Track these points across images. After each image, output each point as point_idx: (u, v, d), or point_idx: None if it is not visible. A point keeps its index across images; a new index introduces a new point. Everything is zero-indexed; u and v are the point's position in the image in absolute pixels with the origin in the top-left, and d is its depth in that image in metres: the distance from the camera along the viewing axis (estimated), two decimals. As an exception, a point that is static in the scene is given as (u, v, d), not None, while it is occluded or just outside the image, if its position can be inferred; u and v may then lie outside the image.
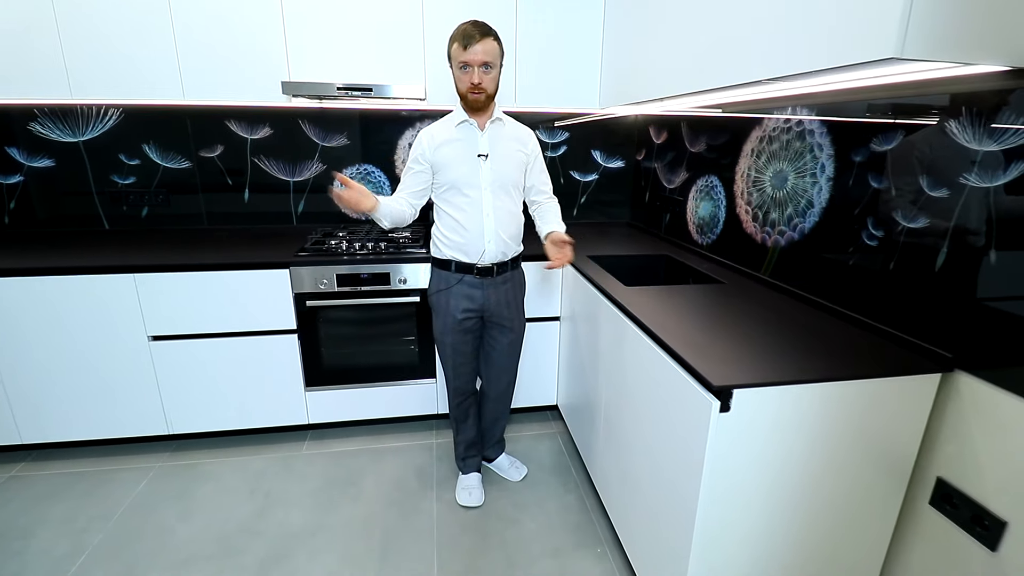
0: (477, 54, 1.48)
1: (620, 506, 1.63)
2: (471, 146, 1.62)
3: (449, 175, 1.62)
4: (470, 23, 1.51)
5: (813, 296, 1.51)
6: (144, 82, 1.99)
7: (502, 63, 1.57)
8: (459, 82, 1.55)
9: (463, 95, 1.57)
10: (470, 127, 1.63)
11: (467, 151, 1.62)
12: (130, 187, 2.38)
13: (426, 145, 1.62)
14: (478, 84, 1.52)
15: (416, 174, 1.67)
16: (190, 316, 1.98)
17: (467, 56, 1.49)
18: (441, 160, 1.62)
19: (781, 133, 1.61)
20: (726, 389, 1.03)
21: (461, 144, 1.62)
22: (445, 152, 1.62)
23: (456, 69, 1.54)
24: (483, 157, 1.62)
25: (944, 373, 1.13)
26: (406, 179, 1.70)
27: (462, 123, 1.62)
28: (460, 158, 1.62)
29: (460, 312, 1.72)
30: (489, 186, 1.63)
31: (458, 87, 1.57)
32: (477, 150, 1.62)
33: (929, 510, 1.19)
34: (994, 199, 1.03)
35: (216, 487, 1.97)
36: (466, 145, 1.62)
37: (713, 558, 1.18)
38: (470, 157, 1.62)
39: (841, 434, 1.13)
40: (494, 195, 1.64)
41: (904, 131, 1.21)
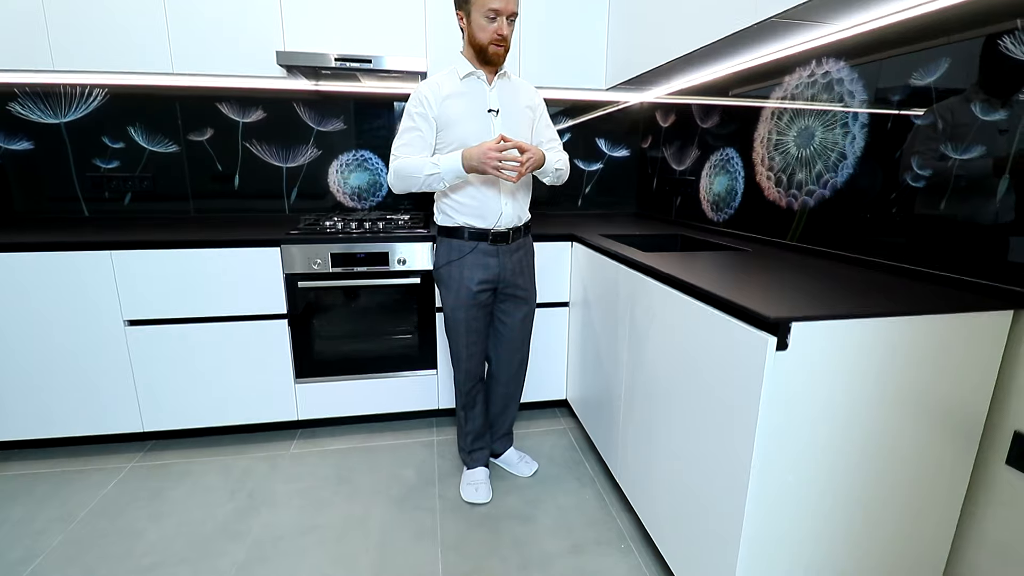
0: (513, 4, 1.39)
1: (647, 496, 1.46)
2: (479, 101, 1.52)
3: (458, 132, 1.50)
4: None
5: (851, 254, 1.40)
6: (131, 54, 1.89)
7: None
8: (481, 31, 1.42)
9: (483, 47, 1.44)
10: (478, 81, 1.52)
11: (476, 106, 1.51)
12: (113, 172, 2.24)
13: (431, 98, 1.49)
14: (505, 36, 1.42)
15: (420, 135, 1.51)
16: (171, 299, 1.82)
17: (501, 3, 1.38)
18: (448, 115, 1.49)
19: (805, 88, 1.53)
20: (783, 322, 0.91)
21: (468, 98, 1.51)
22: (452, 106, 1.49)
23: (480, 17, 1.41)
24: (494, 113, 1.52)
25: (1017, 310, 1.01)
26: (413, 142, 1.51)
27: (468, 76, 1.51)
28: (469, 113, 1.50)
29: (475, 283, 1.58)
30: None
31: (478, 37, 1.43)
32: (487, 105, 1.52)
33: (1006, 471, 1.05)
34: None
35: (193, 487, 1.77)
36: (473, 99, 1.51)
37: (768, 531, 1.02)
38: (480, 113, 1.51)
39: (908, 379, 1.00)
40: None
41: (949, 58, 1.13)
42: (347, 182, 2.44)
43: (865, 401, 0.99)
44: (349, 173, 2.43)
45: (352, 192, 2.45)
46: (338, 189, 2.43)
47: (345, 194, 2.44)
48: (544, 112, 1.68)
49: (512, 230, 1.60)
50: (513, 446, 1.93)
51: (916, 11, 1.18)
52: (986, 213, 1.07)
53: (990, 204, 1.06)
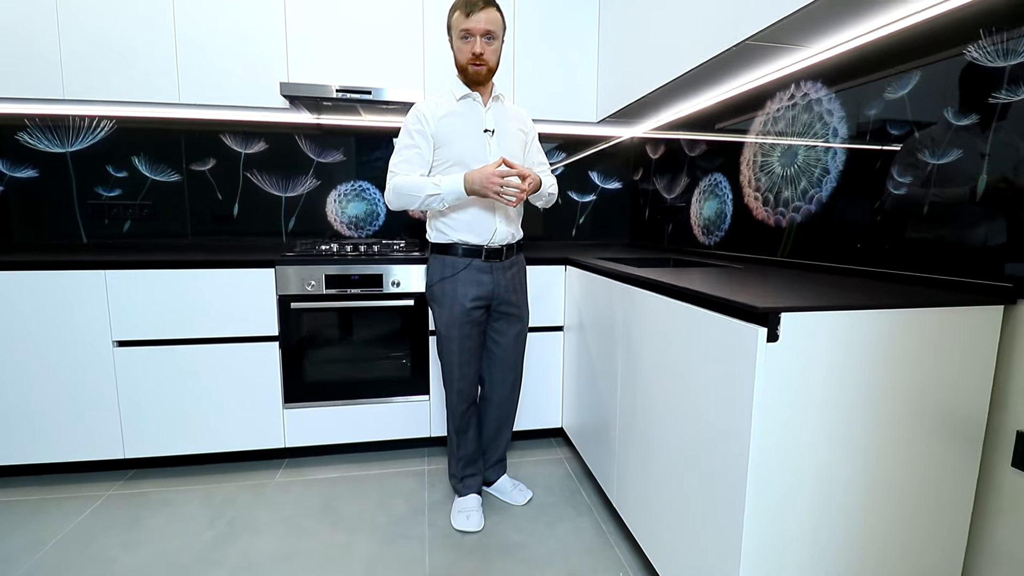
0: (480, 22, 1.44)
1: (646, 521, 1.39)
2: (475, 121, 1.56)
3: (454, 150, 1.53)
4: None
5: (841, 264, 1.41)
6: (140, 83, 1.97)
7: (503, 37, 1.55)
8: (459, 53, 1.50)
9: (463, 67, 1.51)
10: (473, 102, 1.58)
11: (471, 125, 1.56)
12: (114, 200, 2.28)
13: (428, 116, 1.53)
14: (480, 55, 1.47)
15: (419, 152, 1.54)
16: (162, 319, 1.81)
17: (469, 24, 1.44)
18: (445, 133, 1.53)
19: (786, 111, 1.60)
20: (772, 312, 0.90)
21: (464, 118, 1.56)
22: (448, 125, 1.54)
23: (457, 39, 1.49)
24: (489, 132, 1.56)
25: (1007, 305, 1.01)
26: (411, 160, 1.54)
27: (465, 97, 1.56)
28: (465, 132, 1.55)
29: (469, 300, 1.58)
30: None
31: (458, 59, 1.51)
32: (482, 125, 1.56)
33: (1012, 473, 1.01)
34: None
35: (172, 515, 1.69)
36: (469, 120, 1.56)
37: (769, 546, 0.97)
38: (475, 132, 1.56)
39: (904, 374, 0.98)
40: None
41: (920, 71, 1.18)
42: (345, 212, 2.48)
43: (862, 397, 0.97)
44: (347, 203, 2.47)
45: (349, 221, 2.49)
46: (335, 218, 2.47)
47: (342, 223, 2.48)
48: (535, 136, 1.74)
49: (506, 247, 1.62)
50: (507, 474, 1.86)
51: (884, 31, 1.25)
52: (966, 213, 1.09)
53: (970, 203, 1.08)
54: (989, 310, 1.00)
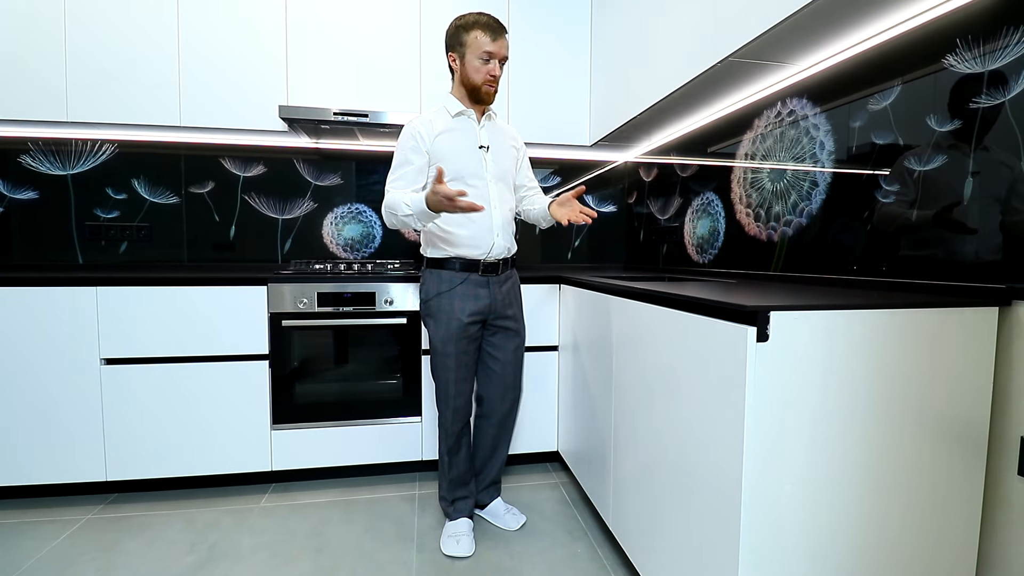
0: (503, 48, 1.50)
1: (642, 544, 1.33)
2: (470, 137, 1.58)
3: (451, 165, 1.53)
4: (487, 14, 1.51)
5: (835, 275, 1.40)
6: (142, 106, 2.02)
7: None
8: (475, 72, 1.51)
9: (476, 87, 1.52)
10: (468, 119, 1.60)
11: (467, 141, 1.57)
12: (112, 221, 2.30)
13: (424, 133, 1.54)
14: (497, 77, 1.52)
15: (417, 170, 1.55)
16: (152, 337, 1.79)
17: (495, 47, 1.48)
18: (441, 149, 1.54)
19: (773, 128, 1.62)
20: (761, 311, 0.89)
21: (459, 134, 1.57)
22: (444, 141, 1.55)
23: (474, 58, 1.49)
24: (485, 149, 1.59)
25: (1001, 307, 0.99)
26: (406, 175, 1.54)
27: (460, 114, 1.58)
28: (461, 148, 1.56)
29: (467, 315, 1.57)
30: (493, 178, 1.59)
31: (472, 77, 1.52)
32: (477, 142, 1.59)
33: (1020, 482, 0.97)
34: (1012, 111, 0.98)
35: (151, 540, 1.62)
36: (464, 136, 1.57)
37: (767, 557, 0.92)
38: (471, 148, 1.57)
39: (900, 377, 0.96)
40: (497, 187, 1.61)
41: (901, 81, 1.20)
42: (341, 234, 2.49)
43: (859, 400, 0.94)
44: (343, 225, 2.49)
45: (345, 243, 2.50)
46: (331, 240, 2.48)
47: (338, 245, 2.49)
48: (526, 154, 1.77)
49: (502, 261, 1.62)
50: (500, 497, 1.80)
51: (864, 46, 1.28)
52: (956, 218, 1.08)
53: (959, 209, 1.08)
54: (984, 311, 0.99)
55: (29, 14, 1.94)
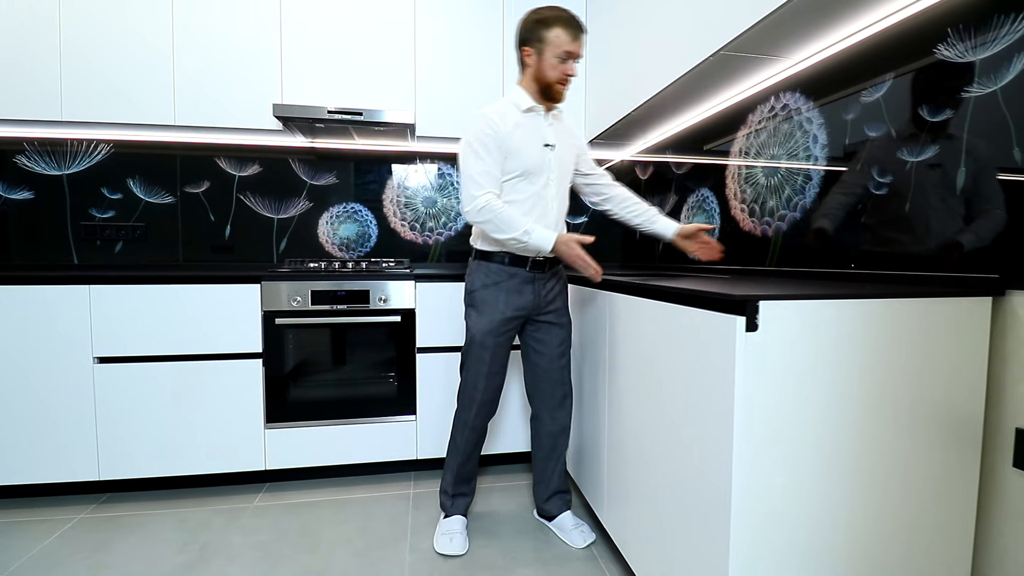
0: (581, 47, 1.47)
1: (635, 540, 1.32)
2: (538, 134, 1.53)
3: (521, 162, 1.49)
4: (567, 11, 1.47)
5: (828, 269, 1.39)
6: (136, 105, 2.03)
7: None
8: (551, 70, 1.46)
9: (550, 83, 1.48)
10: (537, 115, 1.54)
11: (535, 138, 1.52)
12: (107, 221, 2.30)
13: (501, 126, 1.47)
14: (571, 76, 1.48)
15: (498, 164, 1.48)
16: (145, 335, 1.78)
17: (575, 47, 1.45)
18: (514, 144, 1.48)
19: (765, 121, 1.61)
20: (750, 300, 0.87)
21: (528, 130, 1.51)
22: (515, 136, 1.49)
23: (552, 56, 1.45)
24: (550, 147, 1.54)
25: (995, 297, 0.98)
26: (491, 171, 1.47)
27: (530, 110, 1.52)
28: (530, 144, 1.51)
29: (512, 309, 1.56)
30: (556, 177, 1.56)
31: (548, 74, 1.47)
32: (544, 139, 1.53)
33: (1016, 475, 0.96)
34: (1004, 99, 0.97)
35: (142, 540, 1.61)
36: (533, 132, 1.52)
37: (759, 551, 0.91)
38: (538, 144, 1.52)
39: (892, 368, 0.95)
40: (558, 186, 1.57)
41: (894, 73, 1.20)
42: (336, 233, 2.49)
43: (851, 391, 0.93)
44: (339, 224, 2.49)
45: (341, 243, 2.49)
46: (327, 240, 2.48)
47: (334, 244, 2.49)
48: (587, 150, 1.72)
49: (550, 259, 1.59)
50: (570, 511, 1.70)
51: (855, 38, 1.28)
52: (949, 209, 1.07)
53: (952, 200, 1.07)
54: (977, 301, 0.98)
55: (24, 14, 1.95)
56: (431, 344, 1.99)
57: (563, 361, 1.66)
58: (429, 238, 2.59)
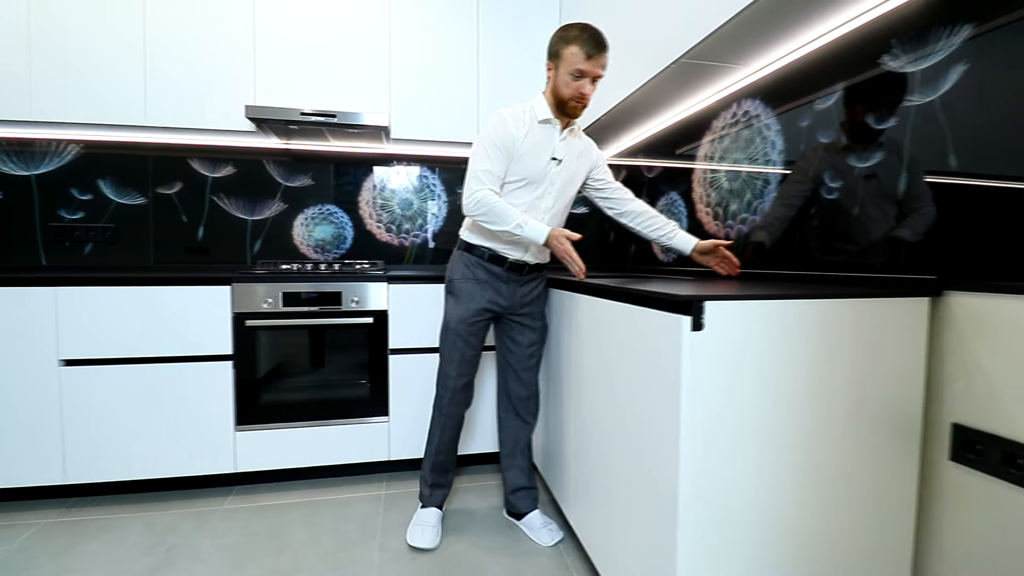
0: (597, 67, 1.44)
1: (595, 533, 1.35)
2: (547, 146, 1.55)
3: (524, 169, 1.53)
4: (593, 27, 1.45)
5: (784, 271, 1.43)
6: (107, 104, 2.01)
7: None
8: (564, 87, 1.47)
9: (564, 101, 1.49)
10: (551, 128, 1.56)
11: (543, 149, 1.54)
12: (77, 222, 2.28)
13: (514, 130, 1.50)
14: (586, 95, 1.47)
15: (500, 160, 1.51)
16: (113, 338, 1.77)
17: (588, 65, 1.43)
18: (520, 151, 1.51)
19: (728, 128, 1.66)
20: (696, 301, 0.91)
21: (539, 140, 1.54)
22: (526, 145, 1.52)
23: (566, 73, 1.45)
24: (556, 161, 1.56)
25: (933, 297, 1.02)
26: (493, 169, 1.50)
27: (545, 121, 1.54)
28: (537, 154, 1.54)
29: (485, 302, 1.61)
30: (555, 192, 1.58)
31: (562, 91, 1.48)
32: (552, 152, 1.55)
33: (952, 467, 1.00)
34: (942, 108, 1.02)
35: (108, 543, 1.60)
36: (543, 143, 1.55)
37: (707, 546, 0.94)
38: (545, 156, 1.55)
39: (834, 366, 0.98)
40: (555, 202, 1.59)
41: (843, 81, 1.24)
42: (312, 235, 2.49)
43: (796, 388, 0.96)
44: (315, 226, 2.49)
45: (316, 244, 2.49)
46: (302, 241, 2.48)
47: (309, 246, 2.48)
48: (604, 163, 1.72)
49: (530, 265, 1.63)
50: (538, 509, 1.72)
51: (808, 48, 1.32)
52: (893, 213, 1.12)
53: (895, 204, 1.11)
54: (915, 301, 1.02)
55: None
56: (404, 345, 2.00)
57: (531, 363, 1.69)
58: (405, 240, 2.60)
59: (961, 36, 0.98)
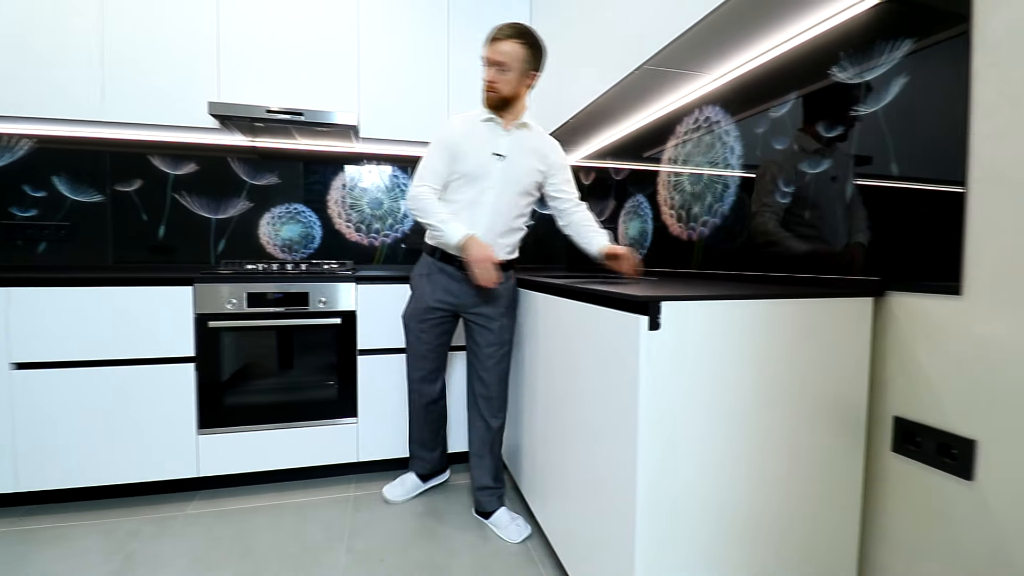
0: (494, 53, 1.54)
1: (560, 529, 1.38)
2: (489, 143, 1.61)
3: (463, 165, 1.60)
4: (507, 23, 1.57)
5: (742, 272, 1.48)
6: (62, 99, 1.94)
7: (528, 69, 1.59)
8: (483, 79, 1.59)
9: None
10: (494, 125, 1.63)
11: (484, 147, 1.60)
12: (30, 220, 2.19)
13: (457, 130, 1.61)
14: (489, 82, 1.56)
15: (441, 160, 1.61)
16: (68, 339, 1.71)
17: (485, 51, 1.56)
18: (461, 149, 1.60)
19: (691, 133, 1.70)
20: (652, 301, 0.94)
21: (479, 139, 1.61)
22: (467, 142, 1.60)
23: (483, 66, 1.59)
24: (499, 157, 1.60)
25: (876, 297, 1.08)
26: (436, 168, 1.61)
27: (488, 120, 1.62)
28: (477, 151, 1.60)
29: (434, 300, 1.68)
30: (497, 186, 1.61)
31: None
32: (494, 148, 1.61)
33: (894, 458, 1.06)
34: (885, 118, 1.07)
35: (65, 552, 1.55)
36: (484, 141, 1.61)
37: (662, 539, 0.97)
38: (486, 153, 1.60)
39: (785, 362, 1.03)
40: (497, 197, 1.61)
41: (796, 91, 1.29)
42: (279, 234, 2.45)
43: (748, 384, 1.00)
44: (282, 225, 2.45)
45: (283, 244, 2.46)
46: (269, 241, 2.44)
47: (276, 246, 2.45)
48: (564, 168, 1.73)
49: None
50: (505, 507, 1.73)
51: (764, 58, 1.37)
52: (840, 217, 1.17)
53: (842, 209, 1.17)
54: (859, 301, 1.07)
55: (-66, 0, 1.84)
56: (373, 346, 1.99)
57: (490, 363, 1.70)
58: (375, 239, 2.58)
59: (902, 51, 1.03)
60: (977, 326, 0.90)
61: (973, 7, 0.91)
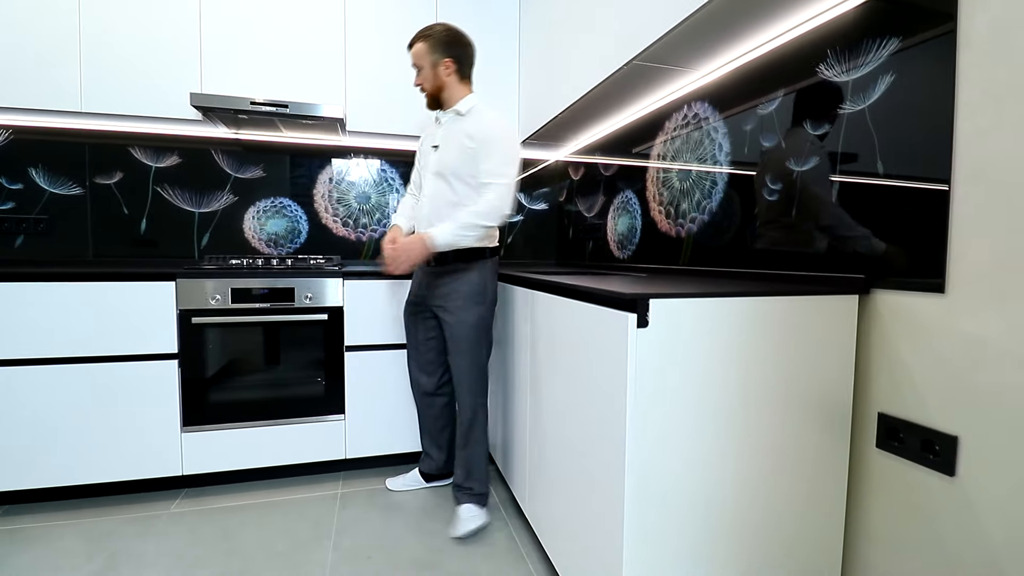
0: (412, 60, 1.67)
1: (549, 526, 1.38)
2: (430, 138, 1.74)
3: (420, 163, 1.79)
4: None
5: (730, 268, 1.49)
6: (40, 90, 1.88)
7: (437, 59, 1.62)
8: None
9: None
10: (436, 123, 1.74)
11: (427, 142, 1.75)
12: (6, 213, 2.13)
13: (422, 138, 1.82)
14: (416, 85, 1.69)
15: (416, 169, 1.85)
16: (47, 336, 1.67)
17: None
18: (420, 152, 1.81)
19: (679, 129, 1.70)
20: (641, 299, 0.93)
21: (426, 136, 1.78)
22: (421, 146, 1.80)
23: None
24: (434, 148, 1.69)
25: (861, 295, 1.09)
26: (414, 174, 1.88)
27: (436, 119, 1.75)
28: (423, 149, 1.77)
29: (411, 294, 1.82)
30: (432, 175, 1.67)
31: None
32: (432, 142, 1.71)
33: (878, 454, 1.07)
34: (871, 116, 1.08)
35: (44, 552, 1.52)
36: (427, 137, 1.77)
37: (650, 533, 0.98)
38: (427, 148, 1.73)
39: (772, 358, 1.04)
40: (434, 184, 1.67)
41: (784, 88, 1.29)
42: (264, 229, 2.41)
43: (735, 381, 1.01)
44: (267, 220, 2.41)
45: (269, 238, 2.42)
46: (253, 235, 2.40)
47: (261, 240, 2.41)
48: (488, 144, 1.57)
49: (437, 256, 1.61)
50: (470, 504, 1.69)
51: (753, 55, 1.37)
52: (827, 215, 1.18)
53: (829, 206, 1.17)
54: (845, 299, 1.08)
55: (-99, -15, 1.77)
56: (361, 342, 1.97)
57: (456, 358, 1.68)
58: (363, 234, 2.56)
59: (888, 49, 1.04)
60: (960, 324, 0.91)
61: (959, 6, 0.91)
